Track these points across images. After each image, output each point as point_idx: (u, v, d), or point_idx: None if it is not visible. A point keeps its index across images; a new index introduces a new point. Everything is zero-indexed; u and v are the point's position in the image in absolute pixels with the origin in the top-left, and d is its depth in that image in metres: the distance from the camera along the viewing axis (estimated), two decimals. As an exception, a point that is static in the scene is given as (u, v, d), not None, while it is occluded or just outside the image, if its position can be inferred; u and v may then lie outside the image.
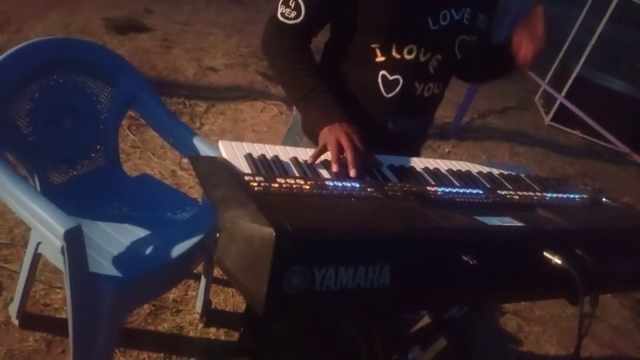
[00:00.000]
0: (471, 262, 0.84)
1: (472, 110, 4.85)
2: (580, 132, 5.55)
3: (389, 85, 1.32)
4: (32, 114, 1.60)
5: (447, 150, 4.25)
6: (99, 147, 1.84)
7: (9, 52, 1.51)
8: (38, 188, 1.61)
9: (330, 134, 1.14)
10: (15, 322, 1.75)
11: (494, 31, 1.44)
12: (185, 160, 2.87)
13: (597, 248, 1.00)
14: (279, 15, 1.27)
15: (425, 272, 0.83)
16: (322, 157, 1.12)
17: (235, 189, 0.85)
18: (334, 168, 1.08)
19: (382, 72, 1.30)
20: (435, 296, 0.89)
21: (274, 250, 0.68)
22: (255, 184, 0.87)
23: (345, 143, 1.11)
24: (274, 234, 0.68)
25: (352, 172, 1.06)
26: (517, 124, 5.26)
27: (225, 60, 4.55)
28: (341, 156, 1.10)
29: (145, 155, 2.91)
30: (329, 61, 1.40)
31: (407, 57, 1.28)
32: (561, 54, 6.12)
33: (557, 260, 0.92)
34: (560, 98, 4.79)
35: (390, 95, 1.33)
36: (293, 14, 1.25)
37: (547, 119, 5.70)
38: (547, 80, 5.92)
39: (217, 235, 0.78)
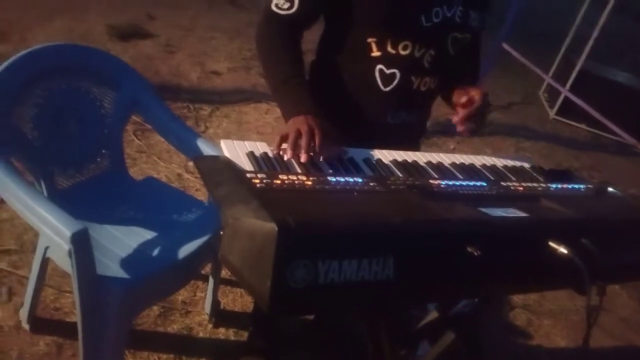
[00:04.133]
0: (475, 254, 0.84)
1: (476, 106, 4.84)
2: (586, 125, 5.51)
3: (387, 79, 1.32)
4: (37, 120, 1.62)
5: (452, 146, 4.24)
6: (104, 151, 1.85)
7: (13, 58, 1.52)
8: (45, 193, 1.63)
9: (294, 124, 1.14)
10: (26, 326, 1.76)
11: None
12: (190, 164, 2.88)
13: (602, 237, 0.99)
14: (272, 5, 1.27)
15: (429, 264, 0.83)
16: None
17: (238, 186, 0.85)
18: (288, 154, 1.06)
19: (379, 66, 1.31)
20: (439, 288, 0.89)
21: (277, 244, 0.69)
22: (257, 180, 0.87)
23: (304, 131, 1.10)
24: (276, 228, 0.69)
25: (302, 158, 1.05)
26: (522, 119, 5.24)
27: (228, 63, 4.57)
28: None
29: (151, 159, 2.92)
30: (326, 56, 1.40)
31: (402, 52, 1.29)
32: (564, 47, 6.09)
33: (562, 250, 0.92)
34: (565, 92, 4.77)
35: (388, 89, 1.33)
36: (287, 5, 1.25)
37: (552, 113, 5.67)
38: (550, 74, 5.89)
39: (221, 232, 0.79)
